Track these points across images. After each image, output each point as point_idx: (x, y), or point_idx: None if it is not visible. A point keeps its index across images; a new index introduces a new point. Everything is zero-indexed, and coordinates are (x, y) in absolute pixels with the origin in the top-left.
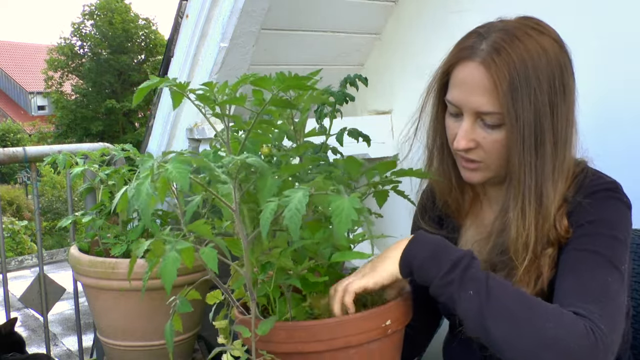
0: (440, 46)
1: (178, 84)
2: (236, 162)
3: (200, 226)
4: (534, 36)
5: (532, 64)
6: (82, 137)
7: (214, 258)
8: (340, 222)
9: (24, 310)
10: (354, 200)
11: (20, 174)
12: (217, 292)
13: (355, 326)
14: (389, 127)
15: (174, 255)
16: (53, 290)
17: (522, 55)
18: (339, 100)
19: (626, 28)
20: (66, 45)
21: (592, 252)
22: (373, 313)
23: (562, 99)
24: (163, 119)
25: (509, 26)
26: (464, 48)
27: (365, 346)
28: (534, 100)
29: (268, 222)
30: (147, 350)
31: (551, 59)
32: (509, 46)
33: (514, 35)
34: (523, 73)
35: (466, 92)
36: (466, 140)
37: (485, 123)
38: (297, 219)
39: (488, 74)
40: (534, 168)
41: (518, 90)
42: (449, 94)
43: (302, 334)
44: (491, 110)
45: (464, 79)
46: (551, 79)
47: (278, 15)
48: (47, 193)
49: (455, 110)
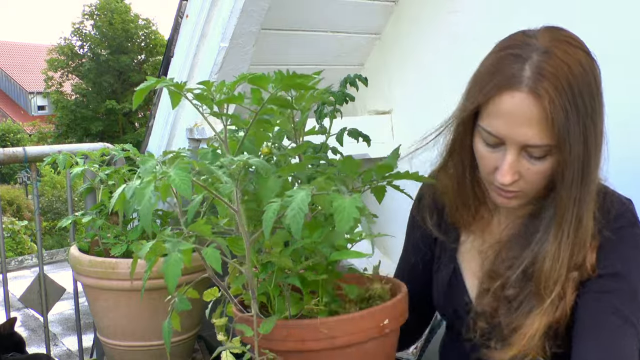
0: (440, 46)
1: (176, 84)
2: (238, 164)
3: (201, 226)
4: (571, 53)
5: (577, 86)
6: (82, 137)
7: (218, 259)
8: (342, 221)
9: (24, 310)
10: (355, 200)
11: (20, 174)
12: (214, 289)
13: (354, 325)
14: (389, 127)
15: (176, 256)
16: (53, 290)
17: (568, 77)
18: (339, 100)
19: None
20: (66, 46)
21: (612, 311)
22: (372, 312)
23: (600, 116)
24: (163, 119)
25: (545, 44)
26: (505, 77)
27: (363, 345)
28: (582, 127)
29: (271, 222)
30: (147, 350)
31: (589, 75)
32: (554, 69)
33: (555, 56)
34: (572, 99)
35: (513, 125)
36: (512, 175)
37: (532, 155)
38: (300, 218)
39: (539, 104)
40: (578, 201)
41: (570, 120)
42: (489, 124)
43: (301, 332)
44: (541, 143)
45: (511, 111)
46: (592, 98)
47: (278, 15)
48: (47, 193)
49: (495, 141)
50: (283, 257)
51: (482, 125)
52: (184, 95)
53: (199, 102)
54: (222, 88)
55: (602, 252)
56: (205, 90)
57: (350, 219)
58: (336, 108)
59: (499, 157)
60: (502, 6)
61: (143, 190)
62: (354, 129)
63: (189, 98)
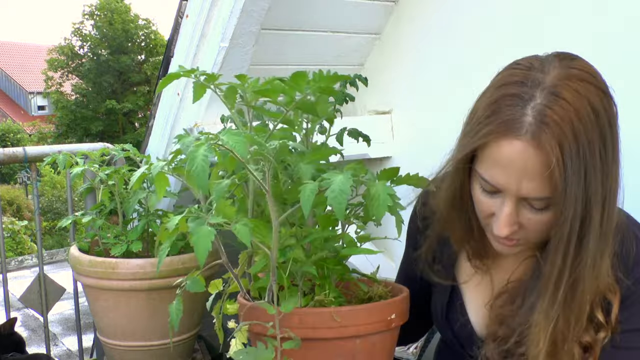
0: (440, 46)
1: (209, 75)
2: (275, 146)
3: (227, 207)
4: (582, 93)
5: (584, 130)
6: (82, 137)
7: (247, 233)
8: (379, 207)
9: (24, 310)
10: (388, 187)
11: (20, 174)
12: (219, 281)
13: (365, 316)
14: (389, 127)
15: (206, 229)
16: (53, 290)
17: (572, 121)
18: (338, 100)
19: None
20: (66, 46)
21: None
22: (382, 305)
23: (613, 159)
24: (163, 119)
25: (553, 81)
26: (505, 121)
27: (370, 337)
28: (586, 173)
29: (310, 201)
30: (147, 350)
31: (602, 119)
32: (559, 116)
33: (562, 99)
34: (575, 146)
35: (512, 175)
36: (509, 227)
37: (532, 206)
38: (342, 199)
39: (540, 154)
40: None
41: (570, 169)
42: (485, 171)
43: (314, 320)
44: (542, 196)
45: (509, 160)
46: (602, 141)
47: (278, 15)
48: (47, 193)
49: (492, 189)
50: (297, 247)
51: (479, 171)
52: (211, 88)
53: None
54: (255, 84)
55: (624, 305)
56: (239, 86)
57: (385, 205)
58: (336, 108)
59: (497, 204)
60: (502, 6)
61: (195, 153)
62: (354, 129)
63: (217, 92)
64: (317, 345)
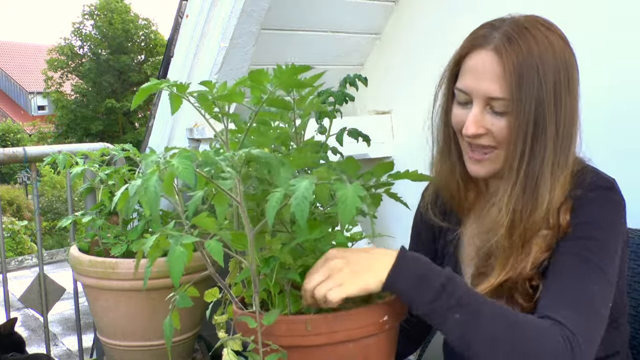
0: (440, 46)
1: (179, 86)
2: (241, 155)
3: (204, 219)
4: (543, 31)
5: (539, 55)
6: (82, 137)
7: (220, 251)
8: (346, 210)
9: (24, 310)
10: (358, 189)
11: (20, 174)
12: (215, 289)
13: (354, 321)
14: (389, 127)
15: (180, 250)
16: (53, 290)
17: (531, 45)
18: (338, 100)
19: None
20: (66, 46)
21: (583, 259)
22: (372, 308)
23: (567, 93)
24: (163, 119)
25: (520, 20)
26: (476, 37)
27: (363, 340)
28: (538, 88)
29: (274, 210)
30: (147, 350)
31: (557, 53)
32: (519, 37)
33: (525, 28)
34: (530, 62)
35: (477, 79)
36: (476, 126)
37: (494, 110)
38: (305, 206)
39: (500, 60)
40: (532, 156)
41: (524, 78)
42: (460, 82)
43: (302, 327)
44: (500, 96)
45: (476, 66)
46: (556, 72)
47: (278, 15)
48: (47, 193)
49: (465, 99)
50: (283, 253)
51: (458, 86)
52: (185, 98)
53: (200, 103)
54: (224, 89)
55: (576, 208)
56: (207, 92)
57: (353, 208)
58: (336, 108)
59: (468, 114)
60: (502, 6)
61: (147, 182)
62: (353, 129)
63: (191, 101)
64: (309, 351)
